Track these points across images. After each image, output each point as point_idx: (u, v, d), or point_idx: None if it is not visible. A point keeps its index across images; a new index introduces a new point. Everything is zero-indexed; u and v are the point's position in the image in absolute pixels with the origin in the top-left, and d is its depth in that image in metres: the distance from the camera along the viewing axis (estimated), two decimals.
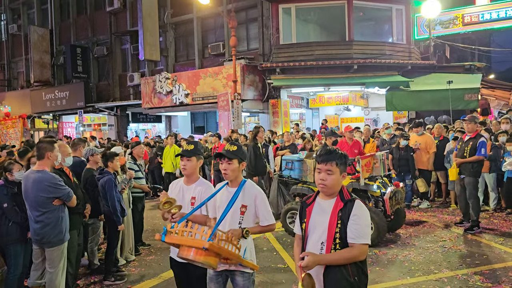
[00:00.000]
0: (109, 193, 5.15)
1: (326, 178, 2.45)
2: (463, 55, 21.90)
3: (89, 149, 5.72)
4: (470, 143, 6.91)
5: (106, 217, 5.37)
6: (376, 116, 17.16)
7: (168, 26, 17.74)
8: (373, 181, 6.66)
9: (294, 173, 7.29)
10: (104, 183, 5.17)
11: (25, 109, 21.89)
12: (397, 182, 7.01)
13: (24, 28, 23.25)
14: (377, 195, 6.56)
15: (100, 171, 5.32)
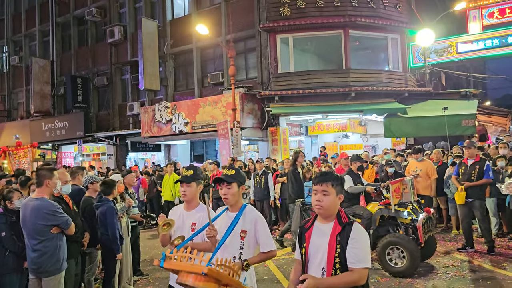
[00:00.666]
0: (110, 221, 5.09)
1: (322, 199, 2.45)
2: (459, 82, 22.22)
3: (89, 177, 5.71)
4: (477, 167, 7.03)
5: (104, 246, 5.29)
6: (374, 143, 17.22)
7: (168, 56, 18.03)
8: (403, 208, 6.45)
9: None
10: (105, 211, 5.12)
11: (24, 140, 21.95)
12: (428, 208, 6.77)
13: (25, 59, 23.60)
14: (407, 222, 6.35)
15: (99, 198, 5.29)
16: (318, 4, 14.69)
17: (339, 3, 14.70)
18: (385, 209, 6.43)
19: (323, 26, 14.85)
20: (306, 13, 14.76)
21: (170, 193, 11.03)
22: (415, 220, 6.26)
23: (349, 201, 6.64)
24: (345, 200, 6.51)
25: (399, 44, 15.90)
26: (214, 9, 16.82)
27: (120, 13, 20.12)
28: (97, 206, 5.24)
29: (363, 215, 6.49)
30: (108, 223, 5.10)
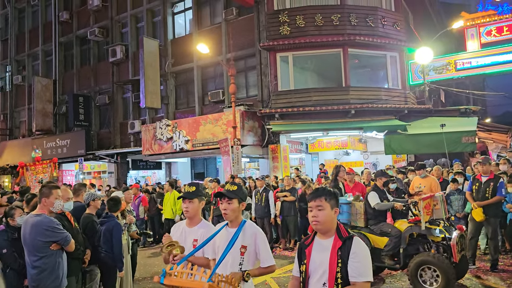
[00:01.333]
0: (116, 237, 5.09)
1: (318, 214, 2.47)
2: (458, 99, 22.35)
3: (91, 193, 5.72)
4: (491, 184, 7.03)
5: (104, 264, 5.25)
6: (375, 160, 17.22)
7: (169, 75, 18.21)
8: (434, 225, 6.15)
9: (343, 217, 6.75)
10: (112, 227, 5.10)
11: (26, 158, 21.99)
12: (460, 226, 6.44)
13: (28, 78, 23.84)
14: (438, 240, 6.08)
15: (105, 215, 5.29)
16: (317, 23, 14.90)
17: (338, 22, 14.91)
18: (415, 227, 6.13)
19: (322, 45, 15.03)
20: (305, 32, 14.96)
21: (170, 210, 11.00)
22: (448, 238, 5.98)
23: (375, 218, 6.46)
24: (371, 217, 6.49)
25: (398, 62, 16.07)
26: (214, 29, 17.07)
27: (122, 32, 20.40)
28: (102, 222, 5.23)
29: (391, 233, 6.25)
30: (114, 240, 5.09)
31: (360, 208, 6.63)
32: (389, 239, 6.19)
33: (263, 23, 15.52)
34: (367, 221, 6.56)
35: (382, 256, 6.24)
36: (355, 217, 6.68)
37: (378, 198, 6.43)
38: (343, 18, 14.95)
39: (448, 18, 24.65)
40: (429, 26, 21.30)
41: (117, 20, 20.26)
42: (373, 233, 6.41)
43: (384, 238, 6.28)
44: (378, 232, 6.36)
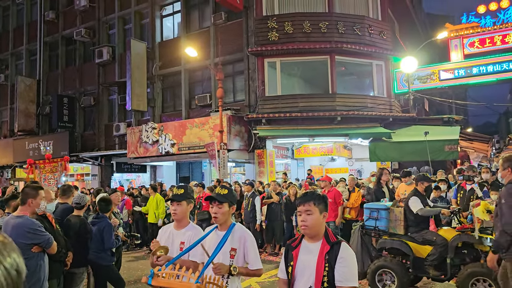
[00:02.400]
0: (107, 237, 5.16)
1: (306, 219, 2.48)
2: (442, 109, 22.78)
3: (81, 196, 5.63)
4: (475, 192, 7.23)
5: (93, 264, 5.25)
6: (360, 167, 17.39)
7: (156, 78, 18.12)
8: (485, 234, 5.55)
9: (381, 224, 6.32)
10: (103, 227, 5.18)
11: (7, 159, 21.57)
12: None
13: (11, 78, 23.43)
14: (486, 250, 5.47)
15: (97, 215, 5.30)
16: (305, 30, 15.04)
17: (326, 30, 15.08)
18: (464, 235, 5.64)
19: (310, 51, 15.17)
20: (293, 38, 15.09)
21: (153, 214, 10.92)
22: None
23: (417, 225, 5.97)
24: (412, 224, 6.01)
25: (384, 70, 16.30)
26: (203, 32, 17.07)
27: (109, 34, 20.24)
28: (93, 223, 5.25)
29: (437, 241, 5.76)
30: (106, 240, 5.16)
31: (400, 214, 6.19)
32: (434, 248, 5.77)
33: (251, 28, 15.59)
34: (407, 228, 6.13)
35: (425, 266, 5.83)
36: (394, 224, 6.23)
37: (420, 203, 5.97)
38: (331, 26, 15.12)
39: (433, 29, 25.18)
40: (415, 36, 21.69)
41: (104, 21, 20.10)
42: (414, 241, 5.98)
43: (427, 246, 5.88)
44: (420, 240, 5.92)
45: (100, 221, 5.22)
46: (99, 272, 5.25)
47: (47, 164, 10.61)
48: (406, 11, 19.38)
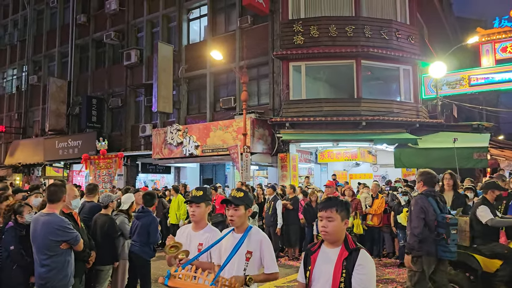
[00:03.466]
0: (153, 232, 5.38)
1: (327, 225, 2.46)
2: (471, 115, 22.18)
3: (107, 195, 5.76)
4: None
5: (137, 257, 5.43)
6: (385, 173, 17.12)
7: (182, 80, 18.36)
8: None
9: None
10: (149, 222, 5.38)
11: (38, 157, 22.26)
12: None
13: (43, 79, 24.21)
14: None
15: (142, 209, 5.48)
16: (331, 33, 14.94)
17: (352, 34, 14.94)
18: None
19: (335, 56, 15.05)
20: (319, 42, 15.01)
21: (174, 215, 11.05)
22: None
23: (485, 236, 5.50)
24: (479, 236, 5.52)
25: (411, 75, 16.01)
26: (229, 36, 17.20)
27: (137, 37, 20.66)
28: (138, 216, 5.42)
29: (508, 255, 5.34)
30: (152, 234, 5.36)
31: (465, 224, 5.62)
32: (505, 262, 5.32)
33: (277, 32, 15.61)
34: (473, 240, 5.64)
35: (494, 282, 5.36)
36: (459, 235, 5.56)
37: (491, 213, 5.49)
38: (357, 30, 14.98)
39: (463, 33, 24.56)
40: (444, 41, 21.23)
41: (133, 25, 20.54)
42: (481, 254, 5.47)
43: (496, 260, 5.40)
44: (488, 254, 5.43)
45: (145, 215, 5.42)
46: (140, 265, 5.40)
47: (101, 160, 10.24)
48: (435, 15, 18.99)
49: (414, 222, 4.97)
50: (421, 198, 5.10)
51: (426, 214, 4.97)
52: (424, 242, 4.94)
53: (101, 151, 10.80)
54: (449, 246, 4.89)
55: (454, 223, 5.02)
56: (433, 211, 5.01)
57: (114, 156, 10.27)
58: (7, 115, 26.84)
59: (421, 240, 4.93)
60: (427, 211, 4.98)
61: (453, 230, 4.97)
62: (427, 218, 4.97)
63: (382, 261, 9.49)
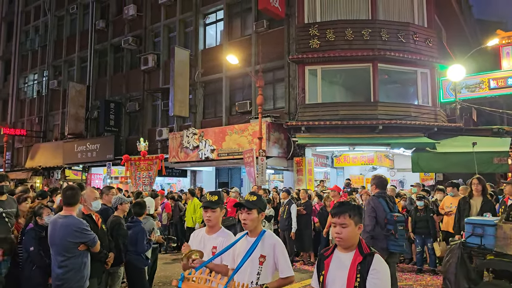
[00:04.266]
0: (140, 242, 5.35)
1: (341, 231, 2.44)
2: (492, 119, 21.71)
3: (119, 197, 5.84)
4: None
5: (130, 265, 5.40)
6: (402, 177, 16.90)
7: (198, 84, 18.49)
8: None
9: (487, 242, 5.42)
10: (137, 232, 5.33)
11: (57, 160, 22.67)
12: None
13: (63, 83, 24.69)
14: None
15: (131, 219, 5.45)
16: (347, 37, 14.86)
17: (368, 37, 14.83)
18: None
19: (352, 59, 14.96)
20: (335, 46, 14.95)
21: (190, 219, 11.10)
22: None
23: None
24: None
25: (429, 78, 15.79)
26: (244, 40, 17.27)
27: (154, 42, 20.92)
28: (129, 226, 5.38)
29: None
30: (139, 244, 5.31)
31: (510, 231, 5.28)
32: None
33: (293, 36, 15.60)
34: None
35: None
36: (502, 242, 5.29)
37: None
38: (374, 33, 14.86)
39: (483, 36, 24.13)
40: (463, 43, 20.89)
41: (150, 30, 20.80)
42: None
43: None
44: None
45: (134, 225, 5.34)
46: (133, 273, 5.38)
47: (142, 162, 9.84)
48: (454, 17, 18.72)
49: (366, 221, 5.58)
50: (373, 199, 5.81)
51: (377, 213, 5.61)
52: (376, 238, 5.54)
53: (141, 152, 10.39)
54: (398, 240, 5.54)
55: (401, 220, 5.71)
56: (383, 210, 5.65)
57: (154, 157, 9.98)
58: (28, 119, 27.43)
59: (374, 236, 5.53)
60: (378, 210, 5.63)
61: (400, 226, 5.62)
62: (378, 217, 5.62)
63: (399, 266, 9.35)
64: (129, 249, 5.36)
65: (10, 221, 5.20)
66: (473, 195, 6.63)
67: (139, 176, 9.66)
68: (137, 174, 9.71)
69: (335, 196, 9.34)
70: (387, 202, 5.78)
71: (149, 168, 9.69)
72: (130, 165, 9.77)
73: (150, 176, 9.68)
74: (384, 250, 5.44)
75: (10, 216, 5.24)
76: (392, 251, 5.56)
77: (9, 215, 5.22)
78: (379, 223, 5.61)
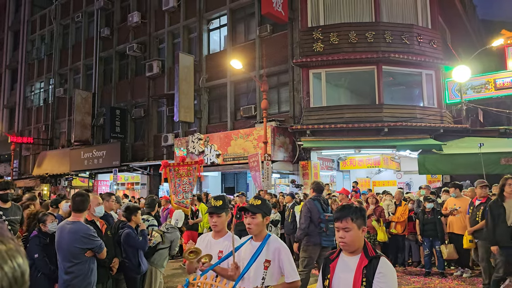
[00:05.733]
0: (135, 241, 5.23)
1: (345, 235, 2.41)
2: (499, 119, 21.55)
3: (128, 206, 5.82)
4: (481, 208, 6.97)
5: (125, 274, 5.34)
6: (409, 180, 16.79)
7: (202, 90, 18.54)
8: None
9: None
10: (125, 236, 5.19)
11: (64, 167, 22.80)
12: None
13: (69, 91, 24.87)
14: None
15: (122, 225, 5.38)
16: (351, 40, 14.85)
17: (372, 39, 14.81)
18: None
19: (356, 62, 14.94)
20: (339, 49, 14.93)
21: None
22: None
23: None
24: None
25: (434, 80, 15.72)
26: (248, 45, 17.31)
27: (159, 48, 21.03)
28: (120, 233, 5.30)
29: None
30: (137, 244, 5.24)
31: None
32: None
33: (296, 40, 15.62)
34: None
35: None
36: None
37: None
38: (378, 35, 14.84)
39: (488, 36, 24.00)
40: (468, 44, 20.80)
41: (154, 36, 20.91)
42: None
43: None
44: None
45: (122, 231, 5.25)
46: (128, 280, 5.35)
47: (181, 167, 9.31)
48: (458, 18, 18.65)
49: (302, 219, 6.66)
50: (309, 201, 6.80)
51: (312, 213, 6.58)
52: (311, 235, 6.52)
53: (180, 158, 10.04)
54: (329, 236, 6.50)
55: (331, 220, 6.32)
56: (318, 211, 6.60)
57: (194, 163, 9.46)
58: (35, 127, 27.63)
59: (308, 233, 6.54)
60: (313, 211, 6.60)
61: (330, 224, 6.44)
62: (313, 216, 6.58)
63: (407, 269, 9.27)
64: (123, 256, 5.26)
65: (13, 229, 5.23)
66: (505, 197, 6.02)
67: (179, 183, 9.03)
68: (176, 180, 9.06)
69: (343, 199, 9.30)
70: (321, 204, 6.75)
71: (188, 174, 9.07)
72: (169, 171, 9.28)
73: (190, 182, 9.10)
74: (317, 245, 6.46)
75: (13, 223, 5.28)
76: (324, 245, 6.53)
77: (12, 222, 5.25)
78: (314, 222, 6.57)
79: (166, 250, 5.87)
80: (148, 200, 7.19)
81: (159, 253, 5.75)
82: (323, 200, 6.95)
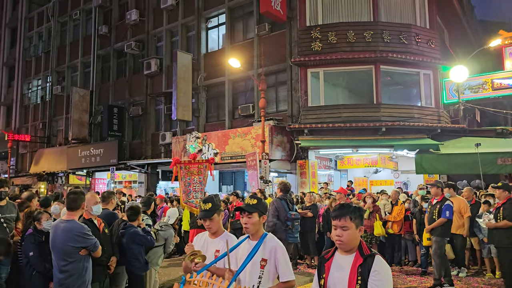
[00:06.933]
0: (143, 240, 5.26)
1: (342, 234, 2.41)
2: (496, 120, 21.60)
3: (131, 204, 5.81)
4: (437, 206, 7.26)
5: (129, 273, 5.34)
6: (406, 179, 16.82)
7: (200, 88, 18.52)
8: None
9: None
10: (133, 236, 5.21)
11: (61, 165, 22.74)
12: None
13: (67, 89, 24.79)
14: None
15: (124, 225, 5.36)
16: (349, 39, 14.86)
17: (370, 39, 14.82)
18: None
19: (354, 61, 14.95)
20: (337, 48, 14.94)
21: (187, 222, 11.10)
22: None
23: None
24: None
25: (432, 80, 15.76)
26: (247, 43, 17.30)
27: (157, 46, 20.99)
28: (122, 233, 5.27)
29: None
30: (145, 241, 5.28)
31: None
32: None
33: (295, 39, 15.62)
34: None
35: None
36: None
37: None
38: (376, 35, 14.85)
39: (486, 36, 24.04)
40: (466, 44, 20.84)
41: (153, 34, 20.87)
42: None
43: None
44: None
45: (127, 231, 5.22)
46: (132, 280, 5.35)
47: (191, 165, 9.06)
48: (456, 18, 18.68)
49: (269, 217, 7.15)
50: (276, 201, 7.45)
51: (279, 212, 7.23)
52: (277, 231, 6.84)
53: (190, 155, 9.74)
54: (294, 233, 7.18)
55: (297, 218, 7.51)
56: (284, 210, 7.26)
57: (205, 161, 9.18)
58: (32, 124, 27.55)
59: (275, 230, 6.92)
60: (280, 210, 7.25)
61: (296, 222, 7.33)
62: (280, 215, 7.23)
63: (404, 269, 9.30)
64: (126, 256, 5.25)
65: (8, 226, 5.23)
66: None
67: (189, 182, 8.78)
68: (187, 179, 8.79)
69: (341, 198, 9.30)
70: (287, 203, 7.38)
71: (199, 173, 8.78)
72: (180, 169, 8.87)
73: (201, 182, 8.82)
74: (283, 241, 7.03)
75: (9, 221, 5.27)
76: (290, 241, 7.15)
77: (8, 220, 5.25)
78: (281, 220, 7.20)
79: (160, 248, 5.86)
80: (145, 199, 7.18)
81: (153, 251, 5.74)
82: (289, 199, 7.54)
